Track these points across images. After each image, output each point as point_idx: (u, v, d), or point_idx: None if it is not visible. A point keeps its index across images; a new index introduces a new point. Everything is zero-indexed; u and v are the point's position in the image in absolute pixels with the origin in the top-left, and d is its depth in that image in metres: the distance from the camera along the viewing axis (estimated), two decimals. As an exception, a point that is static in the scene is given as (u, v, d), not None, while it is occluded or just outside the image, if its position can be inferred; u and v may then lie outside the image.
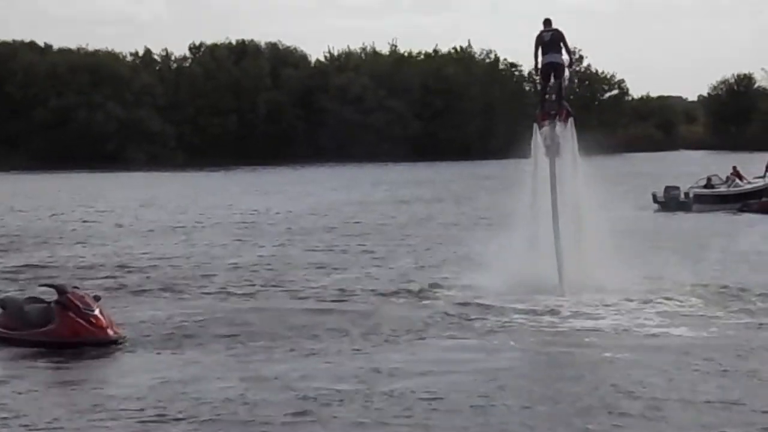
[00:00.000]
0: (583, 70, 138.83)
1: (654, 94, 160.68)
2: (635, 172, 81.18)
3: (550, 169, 23.73)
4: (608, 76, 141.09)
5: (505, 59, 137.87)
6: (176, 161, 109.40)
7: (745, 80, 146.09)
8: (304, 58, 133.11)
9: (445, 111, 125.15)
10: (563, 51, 23.85)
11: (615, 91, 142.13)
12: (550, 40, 23.53)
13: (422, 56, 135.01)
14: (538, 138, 24.08)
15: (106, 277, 26.33)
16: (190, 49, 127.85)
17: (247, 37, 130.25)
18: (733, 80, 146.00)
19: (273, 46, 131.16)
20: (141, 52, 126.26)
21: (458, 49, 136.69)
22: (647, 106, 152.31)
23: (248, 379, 15.42)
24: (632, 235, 26.95)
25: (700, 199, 47.13)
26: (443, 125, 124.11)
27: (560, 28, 23.65)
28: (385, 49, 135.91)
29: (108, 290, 23.70)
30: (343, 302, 22.41)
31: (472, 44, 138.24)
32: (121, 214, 47.59)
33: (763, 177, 49.54)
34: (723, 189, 48.17)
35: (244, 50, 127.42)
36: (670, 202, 47.13)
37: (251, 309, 21.53)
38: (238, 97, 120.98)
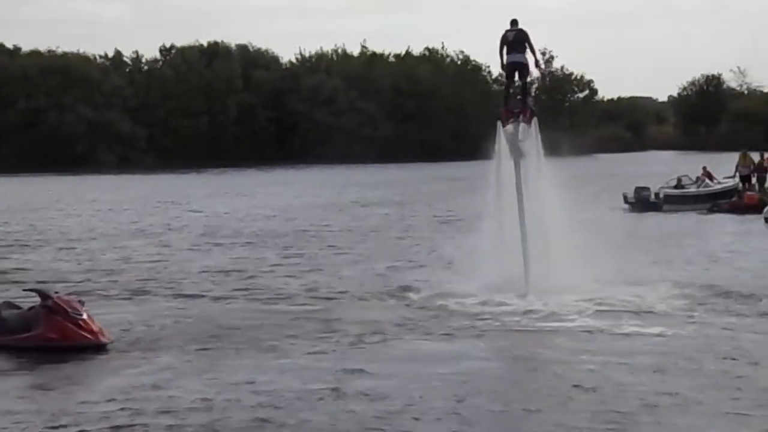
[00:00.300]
0: (553, 71, 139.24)
1: (625, 95, 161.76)
2: (606, 172, 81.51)
3: (515, 170, 23.79)
4: (579, 77, 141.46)
5: (474, 60, 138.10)
6: (147, 163, 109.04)
7: (714, 81, 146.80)
8: (275, 59, 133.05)
9: (417, 112, 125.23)
10: (527, 51, 23.89)
11: (585, 92, 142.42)
12: (514, 39, 23.69)
13: (393, 57, 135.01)
14: (502, 136, 24.15)
15: (75, 281, 26.11)
16: (161, 51, 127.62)
17: (217, 39, 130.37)
18: (702, 81, 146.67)
19: (243, 48, 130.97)
20: (111, 54, 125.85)
21: (430, 50, 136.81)
22: (617, 107, 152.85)
23: (218, 383, 15.27)
24: (603, 236, 27.00)
25: (670, 199, 47.24)
26: (414, 126, 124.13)
27: (525, 29, 23.75)
28: (356, 50, 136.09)
29: (76, 294, 23.47)
30: (313, 305, 22.29)
31: (443, 45, 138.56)
32: (90, 216, 47.26)
33: (733, 177, 49.74)
34: (693, 189, 48.28)
35: (215, 52, 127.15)
36: (641, 202, 47.23)
37: (220, 312, 21.38)
38: (209, 99, 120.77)
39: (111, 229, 41.04)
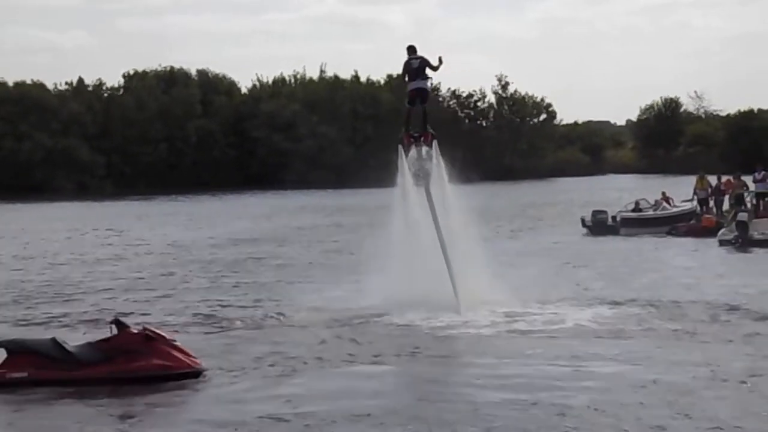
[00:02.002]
0: (509, 95, 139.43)
1: (583, 119, 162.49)
2: (565, 196, 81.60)
3: (426, 194, 24.52)
4: (536, 101, 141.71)
5: (448, 88, 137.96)
6: (105, 190, 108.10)
7: (672, 104, 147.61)
8: (234, 85, 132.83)
9: (376, 137, 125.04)
10: (428, 78, 24.98)
11: (543, 116, 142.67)
12: (418, 67, 24.74)
13: (353, 81, 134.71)
14: (405, 162, 24.98)
15: (22, 311, 25.58)
16: (124, 77, 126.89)
17: (178, 64, 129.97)
18: (660, 104, 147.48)
19: (203, 74, 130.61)
20: (75, 82, 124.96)
21: (393, 75, 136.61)
22: (576, 130, 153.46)
23: (156, 415, 15.06)
24: (553, 259, 27.14)
25: (627, 222, 47.23)
26: (374, 151, 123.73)
27: (425, 55, 24.84)
28: (315, 75, 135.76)
29: (22, 324, 23.35)
30: (256, 331, 22.01)
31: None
32: (31, 245, 46.19)
33: (691, 200, 49.88)
34: (650, 213, 48.32)
35: (174, 78, 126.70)
36: (598, 226, 47.25)
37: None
38: (168, 125, 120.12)
39: (56, 258, 40.05)
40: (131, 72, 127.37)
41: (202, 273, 33.83)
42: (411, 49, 24.85)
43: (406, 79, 24.88)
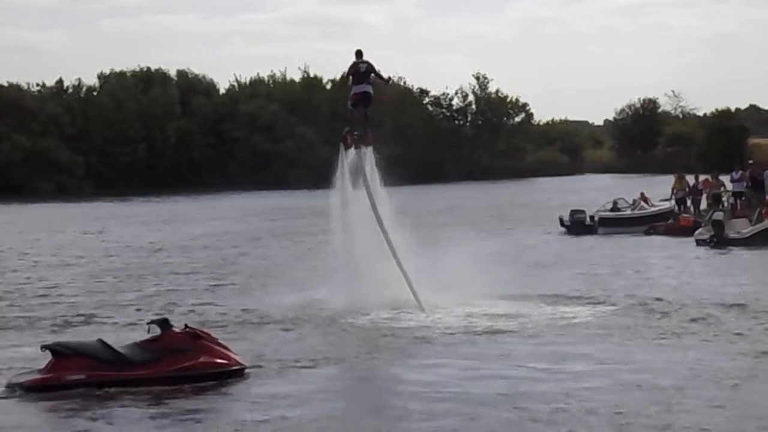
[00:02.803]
0: (488, 95, 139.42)
1: (561, 119, 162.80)
2: (543, 196, 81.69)
3: (367, 194, 25.17)
4: (514, 100, 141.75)
5: (418, 87, 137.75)
6: (85, 191, 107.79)
7: (650, 104, 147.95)
8: (213, 86, 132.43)
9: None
10: (372, 82, 25.76)
11: (521, 115, 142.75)
12: (365, 71, 25.64)
13: (332, 82, 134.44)
14: (345, 163, 25.86)
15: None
16: (99, 77, 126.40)
17: (158, 65, 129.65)
18: (638, 105, 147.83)
19: (182, 74, 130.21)
20: (53, 82, 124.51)
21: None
22: (554, 130, 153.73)
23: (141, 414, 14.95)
24: (531, 258, 27.20)
25: (605, 222, 47.33)
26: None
27: (371, 60, 25.75)
28: (296, 76, 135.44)
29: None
30: (237, 331, 21.77)
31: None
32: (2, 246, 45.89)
33: (669, 200, 50.00)
34: (628, 212, 48.39)
35: (152, 78, 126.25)
36: (576, 225, 47.30)
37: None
38: (148, 126, 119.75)
39: (25, 260, 39.74)
40: (107, 72, 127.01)
41: (173, 275, 33.56)
42: (358, 53, 25.66)
43: (351, 81, 25.74)
